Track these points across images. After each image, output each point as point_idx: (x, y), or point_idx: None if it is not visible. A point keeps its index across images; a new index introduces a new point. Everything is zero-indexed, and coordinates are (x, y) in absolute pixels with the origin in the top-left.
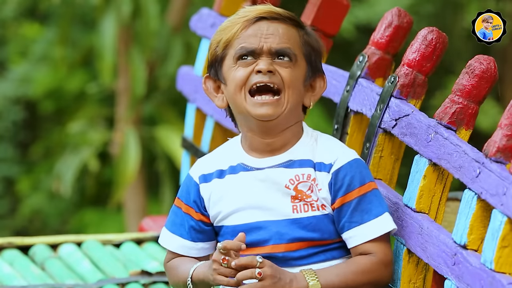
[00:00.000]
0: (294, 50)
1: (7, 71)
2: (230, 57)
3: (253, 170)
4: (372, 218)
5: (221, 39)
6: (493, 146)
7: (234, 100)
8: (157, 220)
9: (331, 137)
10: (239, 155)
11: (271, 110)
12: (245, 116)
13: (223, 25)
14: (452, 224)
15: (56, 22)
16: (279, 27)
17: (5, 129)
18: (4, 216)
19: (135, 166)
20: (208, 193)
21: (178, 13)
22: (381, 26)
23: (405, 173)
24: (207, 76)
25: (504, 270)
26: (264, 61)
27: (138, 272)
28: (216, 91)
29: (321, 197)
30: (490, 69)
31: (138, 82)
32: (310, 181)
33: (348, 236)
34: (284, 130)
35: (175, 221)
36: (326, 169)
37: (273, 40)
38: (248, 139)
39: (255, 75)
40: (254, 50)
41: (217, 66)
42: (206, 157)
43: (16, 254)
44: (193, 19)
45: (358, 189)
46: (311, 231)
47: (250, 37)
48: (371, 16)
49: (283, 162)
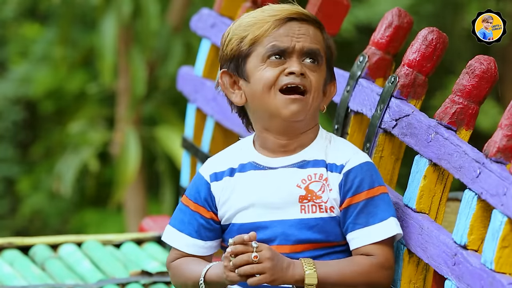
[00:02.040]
0: (322, 52)
1: (7, 71)
2: (258, 55)
3: (265, 169)
4: (376, 222)
5: (247, 35)
6: (493, 146)
7: (261, 99)
8: (157, 220)
9: (345, 140)
10: (250, 154)
11: (299, 107)
12: (270, 114)
13: (248, 21)
14: (453, 224)
15: (56, 22)
16: (309, 28)
17: (5, 129)
18: (4, 216)
19: (135, 166)
20: (219, 191)
21: (178, 13)
22: (381, 26)
23: (405, 173)
24: (224, 71)
25: (504, 270)
26: (296, 62)
27: (138, 272)
28: (232, 87)
29: (332, 197)
30: (491, 69)
31: (138, 82)
32: (322, 180)
33: (351, 238)
34: (302, 133)
35: (183, 220)
36: (338, 170)
37: (305, 40)
38: (261, 139)
39: (285, 77)
40: (286, 49)
41: (240, 62)
42: (217, 156)
43: (16, 254)
44: (193, 19)
45: (366, 191)
46: (317, 233)
47: (282, 36)
48: (371, 16)
49: (297, 162)
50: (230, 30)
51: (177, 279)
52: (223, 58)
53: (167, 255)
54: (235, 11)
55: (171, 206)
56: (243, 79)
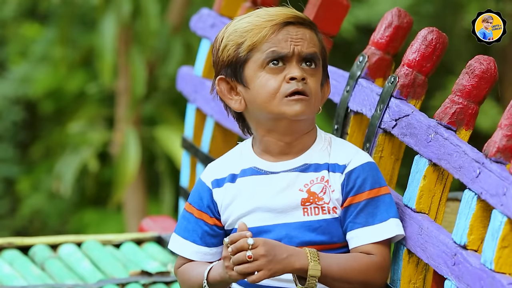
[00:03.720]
0: (319, 55)
1: (7, 71)
2: (257, 61)
3: (267, 174)
4: (376, 223)
5: (244, 41)
6: (493, 147)
7: (265, 105)
8: (157, 220)
9: (344, 140)
10: (251, 159)
11: (304, 107)
12: (274, 117)
13: (244, 27)
14: (452, 224)
15: (56, 22)
16: (306, 32)
17: (5, 129)
18: (4, 216)
19: (135, 166)
20: (221, 198)
21: (178, 13)
22: (381, 26)
23: (405, 173)
24: (221, 78)
25: (504, 270)
26: (296, 68)
27: (138, 272)
28: (229, 93)
29: (334, 198)
30: (490, 69)
31: (138, 82)
32: (324, 182)
33: (350, 237)
34: (304, 134)
35: (188, 227)
36: (340, 170)
37: (303, 44)
38: (264, 143)
39: (287, 84)
40: (286, 54)
41: (238, 68)
42: (217, 161)
43: (16, 254)
44: (193, 19)
45: (368, 192)
46: (320, 234)
47: (281, 41)
48: (371, 16)
49: (299, 166)
50: (224, 35)
51: (185, 284)
52: (218, 64)
53: (167, 255)
54: (235, 11)
55: (171, 206)
56: (241, 85)
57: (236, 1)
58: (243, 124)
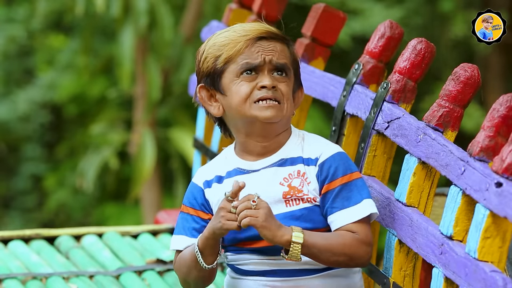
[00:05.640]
0: (289, 65)
1: (35, 78)
2: (232, 71)
3: (249, 173)
4: (351, 205)
5: (221, 55)
6: (477, 146)
7: (238, 109)
8: (171, 213)
9: (317, 135)
10: (234, 161)
11: (275, 112)
12: (249, 121)
13: (222, 41)
14: (439, 217)
15: (79, 33)
16: (277, 45)
17: (33, 131)
18: (32, 209)
19: (151, 164)
20: (212, 196)
21: (190, 25)
22: (374, 37)
23: (396, 171)
24: (201, 86)
25: (486, 259)
26: (267, 77)
27: (154, 260)
28: (209, 100)
29: (312, 189)
30: (474, 76)
31: (154, 88)
32: (300, 176)
33: (331, 220)
34: (278, 134)
35: (185, 226)
36: (314, 163)
37: (274, 55)
38: (243, 144)
39: (258, 91)
40: (258, 64)
41: (216, 78)
42: (205, 166)
43: (43, 244)
44: (204, 31)
45: (340, 178)
46: (304, 222)
47: (254, 53)
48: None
49: (276, 162)
50: (204, 49)
51: (182, 269)
52: (199, 74)
53: None
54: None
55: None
56: (219, 92)
57: (242, 14)
58: (225, 129)
